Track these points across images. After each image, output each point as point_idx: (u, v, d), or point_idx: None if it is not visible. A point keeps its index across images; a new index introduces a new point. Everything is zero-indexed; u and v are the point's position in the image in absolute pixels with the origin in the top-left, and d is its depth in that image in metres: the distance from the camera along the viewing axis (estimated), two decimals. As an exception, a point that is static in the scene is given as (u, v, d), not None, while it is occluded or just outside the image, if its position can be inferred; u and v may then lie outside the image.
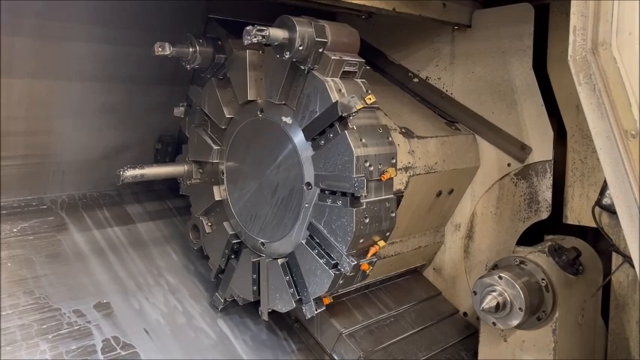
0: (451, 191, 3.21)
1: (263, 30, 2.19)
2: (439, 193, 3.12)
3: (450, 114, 3.34)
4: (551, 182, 3.06)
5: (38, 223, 2.85)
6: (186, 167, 2.93)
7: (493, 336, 2.80)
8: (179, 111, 2.95)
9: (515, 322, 2.55)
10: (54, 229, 2.87)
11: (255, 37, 2.17)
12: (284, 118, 2.50)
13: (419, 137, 2.95)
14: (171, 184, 3.32)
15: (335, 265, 2.40)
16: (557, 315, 2.63)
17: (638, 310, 2.90)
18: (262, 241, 2.68)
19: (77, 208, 3.05)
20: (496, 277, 2.57)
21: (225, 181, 2.82)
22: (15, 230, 2.75)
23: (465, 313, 3.38)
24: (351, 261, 2.36)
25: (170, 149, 3.34)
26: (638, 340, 2.90)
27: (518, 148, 3.14)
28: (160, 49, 2.50)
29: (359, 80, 2.44)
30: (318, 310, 2.55)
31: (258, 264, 2.69)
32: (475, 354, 2.90)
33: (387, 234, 2.48)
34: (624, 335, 2.96)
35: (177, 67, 3.17)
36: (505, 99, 3.17)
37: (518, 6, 3.06)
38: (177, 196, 3.38)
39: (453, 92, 3.35)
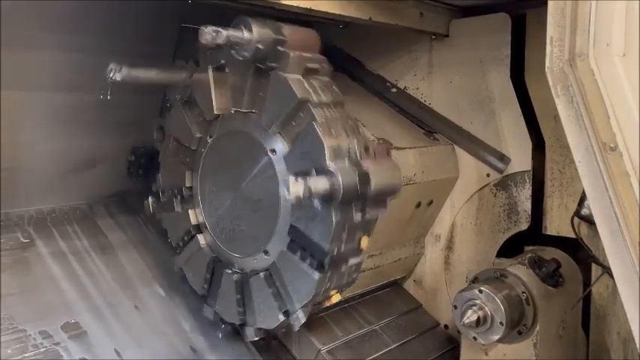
0: (430, 202, 3.17)
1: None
2: (418, 204, 3.08)
3: (428, 124, 3.31)
4: (531, 193, 3.04)
5: (4, 240, 2.72)
6: (184, 75, 2.66)
7: (474, 350, 2.75)
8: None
9: (496, 337, 2.51)
10: (20, 246, 2.75)
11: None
12: (286, 194, 2.30)
13: (397, 148, 2.90)
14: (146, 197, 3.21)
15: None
16: (537, 328, 2.60)
17: (618, 320, 2.89)
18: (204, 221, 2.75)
19: (45, 223, 2.94)
20: (476, 291, 2.54)
21: (206, 147, 2.66)
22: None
23: (446, 326, 3.33)
24: None
25: (143, 161, 3.25)
26: (620, 351, 2.89)
27: (497, 159, 3.11)
28: (214, 35, 2.20)
29: None
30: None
31: (192, 237, 2.79)
32: (456, 368, 2.87)
33: None
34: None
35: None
36: (483, 109, 3.14)
37: (496, 16, 3.04)
38: (150, 210, 3.30)
39: (431, 102, 3.32)
